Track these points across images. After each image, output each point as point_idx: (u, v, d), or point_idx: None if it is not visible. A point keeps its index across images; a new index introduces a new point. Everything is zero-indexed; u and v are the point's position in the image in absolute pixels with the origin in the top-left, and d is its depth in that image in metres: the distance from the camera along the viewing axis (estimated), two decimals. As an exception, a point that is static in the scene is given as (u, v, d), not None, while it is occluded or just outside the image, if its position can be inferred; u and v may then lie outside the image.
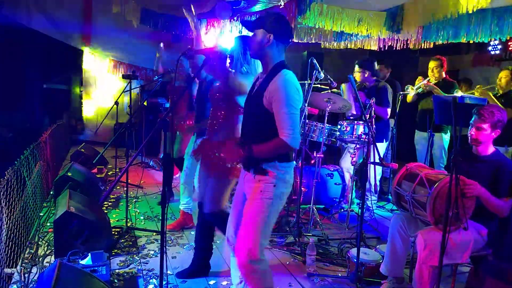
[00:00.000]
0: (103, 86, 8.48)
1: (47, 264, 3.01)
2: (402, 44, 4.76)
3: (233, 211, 2.38)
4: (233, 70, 2.62)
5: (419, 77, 4.73)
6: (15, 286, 2.72)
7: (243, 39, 2.63)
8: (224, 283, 2.92)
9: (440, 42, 4.37)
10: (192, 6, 3.01)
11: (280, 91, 2.03)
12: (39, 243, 3.38)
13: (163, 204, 2.05)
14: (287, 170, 2.16)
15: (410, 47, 4.75)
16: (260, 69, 2.45)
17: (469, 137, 2.64)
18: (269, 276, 2.21)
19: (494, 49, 6.98)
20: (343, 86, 4.58)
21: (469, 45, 6.96)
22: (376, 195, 4.84)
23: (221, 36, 5.01)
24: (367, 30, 4.19)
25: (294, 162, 2.26)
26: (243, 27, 4.53)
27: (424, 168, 2.81)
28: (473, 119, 2.61)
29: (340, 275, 3.08)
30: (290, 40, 2.21)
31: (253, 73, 2.58)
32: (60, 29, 7.53)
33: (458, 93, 4.38)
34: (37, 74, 7.92)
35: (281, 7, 4.09)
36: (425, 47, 4.65)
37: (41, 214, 4.08)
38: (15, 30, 6.86)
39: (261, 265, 2.16)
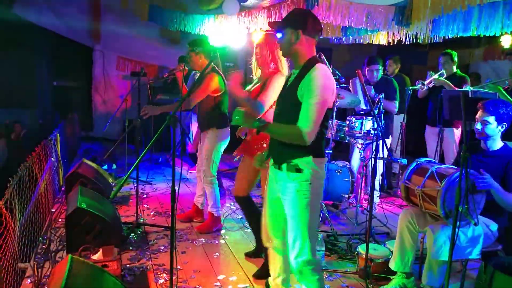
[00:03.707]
0: (112, 83, 8.55)
1: (59, 259, 3.06)
2: (411, 39, 4.70)
3: (267, 212, 2.36)
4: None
5: (430, 72, 4.67)
6: (28, 280, 2.77)
7: None
8: (233, 278, 2.94)
9: (450, 36, 4.31)
10: None
11: (312, 84, 2.02)
12: (51, 238, 3.43)
13: (173, 200, 2.07)
14: (322, 166, 2.13)
15: (420, 42, 4.69)
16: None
17: (476, 132, 2.62)
18: (322, 279, 2.22)
19: (506, 42, 6.84)
20: (351, 81, 4.56)
21: (480, 39, 6.85)
22: (379, 189, 4.80)
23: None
24: (375, 25, 4.15)
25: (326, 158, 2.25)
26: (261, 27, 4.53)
27: (434, 163, 2.80)
28: (478, 113, 2.59)
29: (349, 270, 3.09)
30: (319, 33, 2.18)
31: None
32: (70, 26, 7.61)
33: (469, 88, 4.33)
34: (47, 72, 8.00)
35: (288, 2, 4.07)
36: (434, 41, 4.59)
37: (52, 210, 4.14)
38: (25, 28, 6.94)
39: (315, 265, 2.16)
